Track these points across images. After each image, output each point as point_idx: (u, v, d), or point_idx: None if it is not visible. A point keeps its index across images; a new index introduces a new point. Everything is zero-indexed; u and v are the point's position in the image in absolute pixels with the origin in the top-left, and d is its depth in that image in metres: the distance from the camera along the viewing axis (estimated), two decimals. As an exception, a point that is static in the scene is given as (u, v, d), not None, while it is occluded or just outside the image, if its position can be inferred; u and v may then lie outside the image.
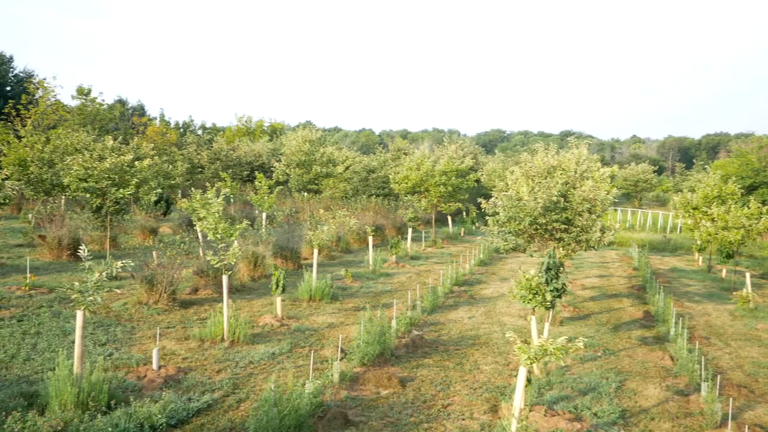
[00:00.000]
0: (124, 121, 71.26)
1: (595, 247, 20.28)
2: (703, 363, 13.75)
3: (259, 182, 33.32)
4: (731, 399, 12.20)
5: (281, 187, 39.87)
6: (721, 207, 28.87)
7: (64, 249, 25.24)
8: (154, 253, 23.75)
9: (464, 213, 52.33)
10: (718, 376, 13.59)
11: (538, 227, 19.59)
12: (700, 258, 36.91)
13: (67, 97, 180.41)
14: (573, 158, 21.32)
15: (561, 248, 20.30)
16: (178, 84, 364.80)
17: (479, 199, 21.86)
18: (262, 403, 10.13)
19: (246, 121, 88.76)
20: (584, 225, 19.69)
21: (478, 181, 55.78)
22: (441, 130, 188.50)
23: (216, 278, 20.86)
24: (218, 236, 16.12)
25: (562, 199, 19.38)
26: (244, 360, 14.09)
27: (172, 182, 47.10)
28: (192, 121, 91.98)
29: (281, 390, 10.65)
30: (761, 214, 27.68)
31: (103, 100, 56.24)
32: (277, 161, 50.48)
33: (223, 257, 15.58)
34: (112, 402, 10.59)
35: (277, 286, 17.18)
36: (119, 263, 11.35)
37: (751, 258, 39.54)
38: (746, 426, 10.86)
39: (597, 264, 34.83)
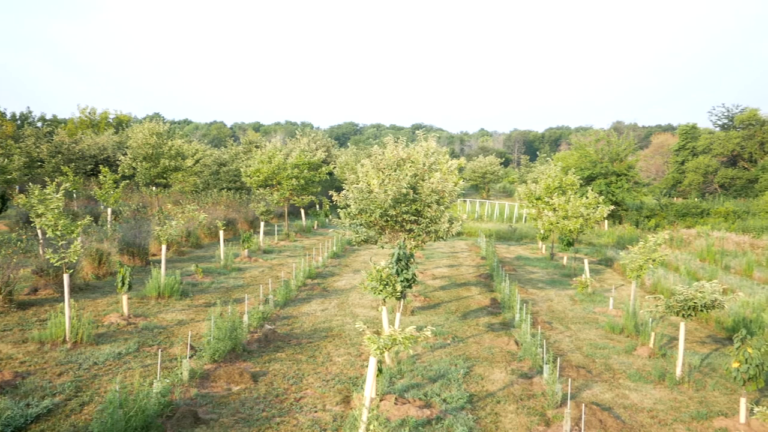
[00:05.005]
0: (-47, 112, 66.66)
1: (444, 238, 20.79)
2: (545, 346, 14.40)
3: (104, 176, 32.10)
4: (570, 380, 12.85)
5: (127, 181, 38.56)
6: (562, 197, 30.27)
7: None
8: (-12, 252, 22.36)
9: (317, 206, 52.42)
10: (559, 359, 14.27)
11: (389, 219, 19.88)
12: (544, 246, 38.55)
13: None
14: (422, 151, 21.77)
15: (411, 239, 20.68)
16: (13, 74, 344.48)
17: (331, 192, 21.94)
18: (106, 405, 9.77)
19: (89, 113, 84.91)
20: (433, 216, 20.13)
21: (330, 173, 56.02)
22: (294, 123, 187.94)
23: (57, 277, 19.89)
24: (58, 233, 15.37)
25: (412, 191, 19.73)
26: (87, 361, 13.52)
27: (9, 177, 44.54)
28: (30, 112, 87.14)
29: (127, 391, 10.31)
30: (598, 203, 29.27)
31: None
32: (123, 155, 48.78)
33: (63, 255, 14.88)
34: (-60, 412, 9.91)
35: (123, 283, 16.59)
36: (-54, 264, 10.62)
37: (590, 245, 41.72)
38: (584, 404, 11.44)
39: (447, 254, 35.73)
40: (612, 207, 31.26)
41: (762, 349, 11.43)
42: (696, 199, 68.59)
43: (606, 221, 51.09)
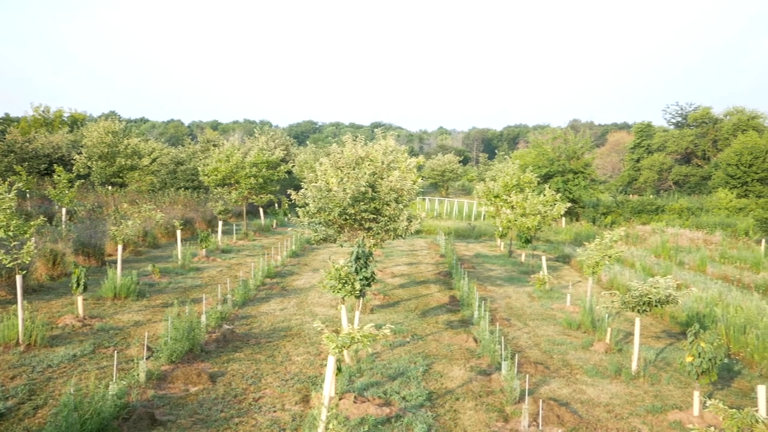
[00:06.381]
0: None
1: (403, 236, 20.84)
2: (503, 343, 14.51)
3: (58, 176, 31.59)
4: (528, 376, 12.96)
5: (83, 180, 38.03)
6: (520, 195, 30.53)
7: None
8: (-63, 253, 21.85)
9: (276, 205, 52.18)
10: (517, 355, 14.37)
11: (348, 217, 19.86)
12: (502, 244, 38.82)
13: None
14: (380, 149, 21.79)
15: (370, 238, 20.70)
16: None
17: (290, 191, 21.85)
18: (61, 408, 9.61)
19: (43, 111, 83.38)
20: (392, 214, 20.17)
21: (289, 172, 55.80)
22: (252, 121, 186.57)
23: (10, 278, 19.49)
24: (11, 234, 15.09)
25: (370, 190, 19.75)
26: (41, 364, 13.29)
27: (-41, 177, 43.61)
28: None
29: (82, 393, 10.16)
30: (555, 201, 29.57)
31: None
32: (78, 153, 48.02)
33: (16, 256, 14.63)
34: None
35: (78, 284, 16.34)
36: None
37: (548, 242, 42.13)
38: (541, 400, 11.56)
39: (407, 252, 35.82)
40: (569, 204, 31.68)
41: (714, 344, 11.65)
42: (651, 196, 69.63)
43: (563, 218, 51.61)
